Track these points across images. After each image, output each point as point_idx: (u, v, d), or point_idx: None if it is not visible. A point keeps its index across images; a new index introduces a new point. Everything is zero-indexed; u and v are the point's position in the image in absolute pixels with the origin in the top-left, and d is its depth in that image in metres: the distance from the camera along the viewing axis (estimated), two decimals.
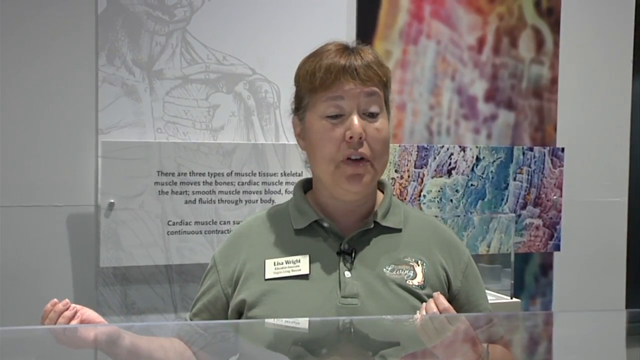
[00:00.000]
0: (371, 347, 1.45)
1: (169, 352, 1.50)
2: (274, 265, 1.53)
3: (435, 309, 1.38)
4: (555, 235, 3.00)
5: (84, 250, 2.50)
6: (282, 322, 1.45)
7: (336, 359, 1.48)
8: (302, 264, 1.52)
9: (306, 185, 1.66)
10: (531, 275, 3.02)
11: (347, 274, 1.51)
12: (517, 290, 2.90)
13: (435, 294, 1.40)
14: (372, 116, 1.54)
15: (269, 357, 1.45)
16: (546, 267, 3.04)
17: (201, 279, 1.64)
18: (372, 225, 1.56)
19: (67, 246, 2.49)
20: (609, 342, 1.69)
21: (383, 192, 1.65)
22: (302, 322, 1.46)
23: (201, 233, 2.58)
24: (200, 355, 1.52)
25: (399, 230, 1.59)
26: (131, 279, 2.54)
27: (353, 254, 1.54)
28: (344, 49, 1.58)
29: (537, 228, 2.97)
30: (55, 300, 1.40)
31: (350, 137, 1.50)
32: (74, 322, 1.39)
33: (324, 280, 1.51)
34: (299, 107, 1.61)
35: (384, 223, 1.58)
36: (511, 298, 2.68)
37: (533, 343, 1.67)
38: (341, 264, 1.53)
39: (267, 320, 1.47)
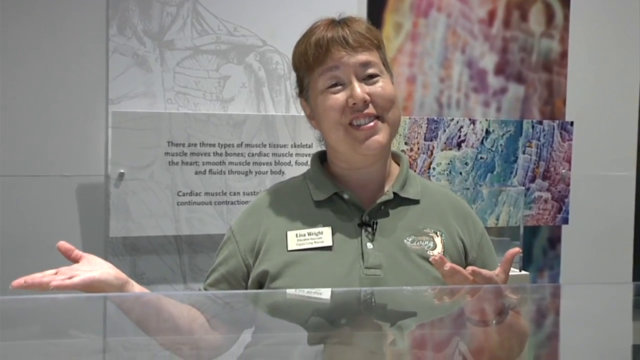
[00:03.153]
0: (389, 318, 1.41)
1: (183, 314, 1.45)
2: (297, 236, 1.49)
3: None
4: (564, 208, 2.94)
5: (93, 220, 2.45)
6: (304, 292, 1.40)
7: (351, 329, 1.44)
8: (324, 236, 1.48)
9: (322, 157, 1.62)
10: (539, 248, 2.96)
11: (369, 245, 1.47)
12: (525, 263, 2.85)
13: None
14: (372, 77, 1.51)
15: (286, 327, 1.41)
16: (554, 240, 2.99)
17: (217, 251, 1.59)
18: (392, 196, 1.52)
19: (77, 216, 2.44)
20: (615, 315, 1.66)
21: (399, 164, 1.61)
22: (323, 293, 1.41)
23: (211, 204, 2.52)
24: (213, 323, 1.48)
25: (417, 202, 1.55)
26: (140, 249, 2.49)
27: (374, 226, 1.49)
28: (331, 23, 1.56)
29: (545, 201, 2.92)
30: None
31: (354, 104, 1.47)
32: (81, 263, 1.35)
33: (347, 251, 1.47)
34: (302, 89, 1.59)
35: (402, 194, 1.54)
36: (520, 271, 2.63)
37: (541, 315, 1.63)
38: (363, 235, 1.49)
39: (287, 290, 1.42)
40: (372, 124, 1.48)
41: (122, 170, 2.41)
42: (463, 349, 1.50)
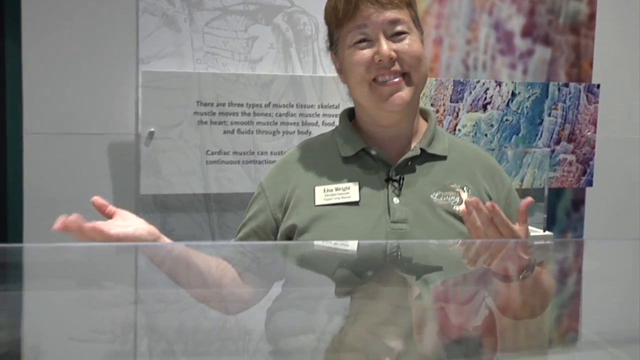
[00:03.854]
0: (415, 271, 1.41)
1: (213, 266, 1.47)
2: (324, 192, 1.48)
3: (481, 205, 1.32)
4: (588, 170, 2.91)
5: (124, 177, 2.46)
6: (331, 244, 1.41)
7: (377, 282, 1.45)
8: (351, 191, 1.48)
9: (351, 114, 1.60)
10: (563, 210, 2.94)
11: (396, 200, 1.46)
12: (549, 224, 2.83)
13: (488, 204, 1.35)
14: (400, 34, 1.49)
15: (314, 279, 1.41)
16: (578, 203, 2.96)
17: (248, 206, 1.59)
18: (418, 152, 1.51)
19: (108, 173, 2.45)
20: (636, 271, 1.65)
21: (427, 121, 1.59)
22: (350, 245, 1.41)
23: (239, 163, 2.52)
24: (244, 276, 1.49)
25: (444, 158, 1.53)
26: (170, 206, 2.50)
27: (400, 181, 1.48)
28: None
29: (570, 164, 2.89)
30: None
31: (380, 60, 1.45)
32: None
33: (373, 206, 1.46)
34: (332, 43, 1.58)
35: (429, 150, 1.52)
36: (544, 231, 2.62)
37: (565, 270, 1.63)
38: (389, 190, 1.48)
39: (315, 242, 1.43)
40: (396, 80, 1.46)
41: (152, 129, 2.41)
42: (489, 303, 1.50)
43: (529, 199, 1.39)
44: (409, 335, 1.41)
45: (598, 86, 2.90)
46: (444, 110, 2.70)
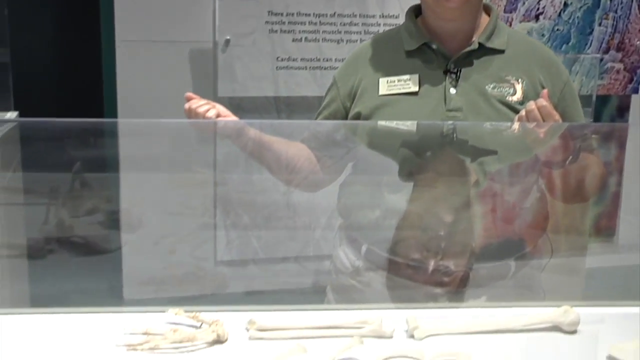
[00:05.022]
0: (471, 153, 1.49)
1: (290, 147, 1.58)
2: (387, 83, 1.56)
3: (533, 106, 1.39)
4: (635, 78, 2.93)
5: (203, 81, 2.61)
6: (393, 124, 1.50)
7: (435, 163, 1.54)
8: (412, 82, 1.55)
9: (417, 11, 1.66)
10: (608, 116, 2.98)
11: (452, 90, 1.53)
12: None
13: (543, 92, 1.42)
14: None
15: (380, 160, 1.52)
16: (623, 109, 3.00)
17: (323, 96, 1.68)
18: (476, 47, 1.56)
19: (189, 77, 2.59)
20: None
21: (489, 16, 1.63)
22: (410, 125, 1.51)
23: (306, 69, 2.62)
24: (320, 158, 1.60)
25: (502, 52, 1.58)
26: (245, 108, 2.64)
27: (458, 73, 1.54)
28: None
29: (617, 72, 2.90)
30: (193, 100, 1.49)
31: None
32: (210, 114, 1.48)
33: (431, 96, 1.54)
34: None
35: (488, 44, 1.57)
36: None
37: (609, 154, 1.67)
38: (447, 82, 1.54)
39: (379, 122, 1.52)
40: None
41: (228, 37, 2.53)
42: (538, 187, 1.57)
43: (544, 91, 1.44)
44: (465, 213, 1.51)
45: None
46: None
